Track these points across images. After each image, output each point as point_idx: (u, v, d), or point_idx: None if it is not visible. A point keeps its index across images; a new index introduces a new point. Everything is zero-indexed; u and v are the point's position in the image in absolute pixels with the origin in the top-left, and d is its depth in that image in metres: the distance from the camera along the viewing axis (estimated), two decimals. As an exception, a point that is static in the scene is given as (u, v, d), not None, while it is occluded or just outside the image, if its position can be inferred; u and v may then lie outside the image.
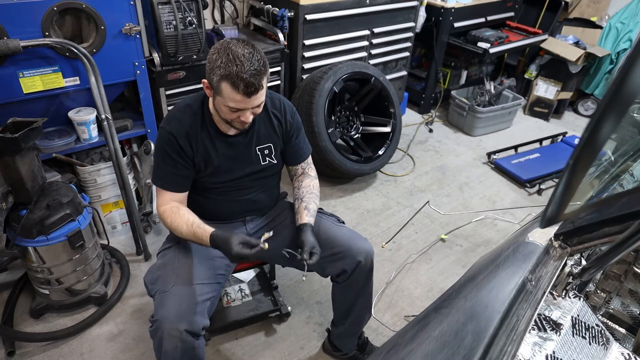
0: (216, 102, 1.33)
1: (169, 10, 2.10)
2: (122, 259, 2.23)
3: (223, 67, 1.23)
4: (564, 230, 0.97)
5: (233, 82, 1.23)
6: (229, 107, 1.30)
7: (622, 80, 0.43)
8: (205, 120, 1.43)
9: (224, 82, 1.25)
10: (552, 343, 0.79)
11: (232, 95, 1.26)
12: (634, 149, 1.43)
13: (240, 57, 1.23)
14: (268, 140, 1.53)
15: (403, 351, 0.85)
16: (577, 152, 0.51)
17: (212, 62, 1.26)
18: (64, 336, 1.87)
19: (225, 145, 1.46)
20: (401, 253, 2.46)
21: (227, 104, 1.29)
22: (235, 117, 1.34)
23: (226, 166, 1.48)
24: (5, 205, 1.67)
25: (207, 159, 1.45)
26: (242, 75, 1.22)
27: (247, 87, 1.24)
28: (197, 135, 1.42)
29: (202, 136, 1.43)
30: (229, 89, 1.25)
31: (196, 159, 1.44)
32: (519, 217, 2.80)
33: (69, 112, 2.01)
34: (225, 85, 1.25)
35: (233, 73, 1.22)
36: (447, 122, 3.91)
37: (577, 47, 3.73)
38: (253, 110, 1.34)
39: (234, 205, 1.58)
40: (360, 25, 2.99)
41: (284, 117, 1.54)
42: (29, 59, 1.77)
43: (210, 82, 1.30)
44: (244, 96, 1.26)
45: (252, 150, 1.51)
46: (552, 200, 0.58)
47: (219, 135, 1.45)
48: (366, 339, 1.86)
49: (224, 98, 1.28)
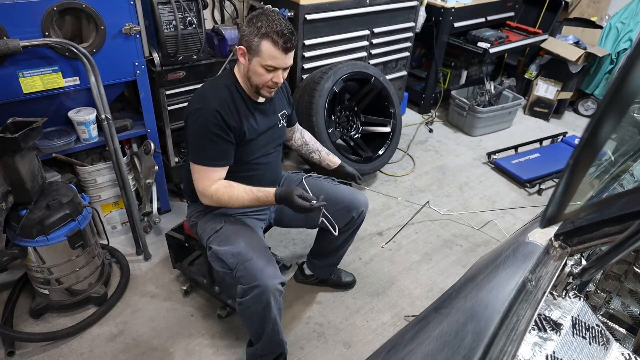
0: (252, 65, 1.47)
1: (169, 10, 2.10)
2: (122, 259, 2.23)
3: (265, 27, 1.41)
4: (564, 230, 0.97)
5: (273, 38, 1.41)
6: (267, 65, 1.45)
7: (622, 80, 0.43)
8: (240, 91, 1.56)
9: (265, 39, 1.41)
10: (552, 343, 0.79)
11: (272, 52, 1.43)
12: (634, 149, 1.43)
13: (279, 19, 1.42)
14: (282, 107, 1.74)
15: (403, 351, 0.85)
16: (577, 152, 0.51)
17: (252, 25, 1.43)
18: (64, 336, 1.87)
19: (259, 113, 1.62)
20: (401, 253, 2.46)
21: (265, 62, 1.45)
22: (269, 78, 1.49)
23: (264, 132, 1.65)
24: (5, 205, 1.67)
25: (250, 128, 1.58)
26: (283, 31, 1.41)
27: (285, 43, 1.42)
28: (237, 107, 1.55)
29: (242, 108, 1.56)
30: (269, 45, 1.42)
31: (243, 128, 1.56)
32: (519, 217, 2.80)
33: (69, 112, 2.01)
34: (266, 42, 1.42)
35: (274, 30, 1.40)
36: (447, 122, 3.91)
37: (577, 47, 3.73)
38: (283, 73, 1.51)
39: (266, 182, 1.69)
40: (360, 25, 2.99)
41: (284, 85, 1.77)
42: (29, 59, 1.77)
43: (249, 44, 1.44)
44: (282, 52, 1.43)
45: (277, 116, 1.71)
46: (552, 200, 0.58)
47: (254, 104, 1.60)
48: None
49: (262, 57, 1.44)
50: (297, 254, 2.40)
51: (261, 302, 1.48)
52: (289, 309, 2.08)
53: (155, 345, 1.87)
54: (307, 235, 2.47)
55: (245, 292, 1.49)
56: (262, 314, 1.51)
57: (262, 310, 1.50)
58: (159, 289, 2.14)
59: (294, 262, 2.32)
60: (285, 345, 1.72)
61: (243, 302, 1.51)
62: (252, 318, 1.56)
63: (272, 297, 1.47)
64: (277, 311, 1.53)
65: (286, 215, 1.86)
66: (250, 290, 1.47)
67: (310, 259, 2.11)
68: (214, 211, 1.70)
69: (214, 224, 1.65)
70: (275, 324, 1.56)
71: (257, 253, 1.52)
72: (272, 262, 1.54)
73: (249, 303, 1.50)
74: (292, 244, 2.47)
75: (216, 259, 1.59)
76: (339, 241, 1.91)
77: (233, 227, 1.63)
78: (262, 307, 1.49)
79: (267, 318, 1.52)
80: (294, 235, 2.51)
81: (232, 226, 1.64)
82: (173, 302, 2.08)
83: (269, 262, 1.53)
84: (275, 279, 1.48)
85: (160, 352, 1.85)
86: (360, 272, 2.30)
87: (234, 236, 1.59)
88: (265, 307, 1.49)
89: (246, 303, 1.50)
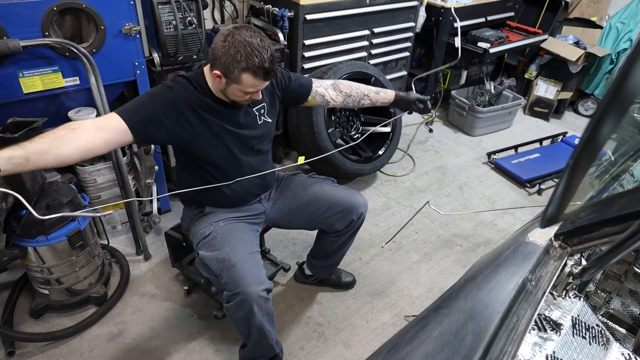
0: (230, 88, 1.41)
1: (169, 10, 2.10)
2: (122, 259, 2.23)
3: (244, 61, 1.32)
4: (564, 230, 0.97)
5: (255, 72, 1.34)
6: (247, 92, 1.41)
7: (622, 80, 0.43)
8: (207, 92, 1.47)
9: (245, 73, 1.34)
10: (552, 343, 0.79)
11: (253, 82, 1.37)
12: (634, 149, 1.43)
13: (258, 48, 1.32)
14: (262, 99, 1.60)
15: (403, 351, 0.85)
16: (577, 152, 0.51)
17: (229, 55, 1.32)
18: (64, 336, 1.87)
19: (229, 110, 1.52)
20: (401, 253, 2.46)
21: (245, 90, 1.39)
22: (248, 97, 1.44)
23: (236, 130, 1.55)
24: (5, 205, 1.67)
25: (215, 125, 1.50)
26: (264, 65, 1.34)
27: (266, 74, 1.37)
28: (202, 101, 1.46)
29: (207, 103, 1.47)
30: (250, 78, 1.36)
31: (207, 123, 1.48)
32: (519, 217, 2.80)
33: (69, 112, 2.01)
34: (247, 76, 1.35)
35: (256, 65, 1.32)
36: (447, 122, 3.91)
37: (577, 47, 3.73)
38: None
39: (249, 184, 1.66)
40: (360, 25, 2.99)
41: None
42: (29, 59, 1.77)
43: (227, 74, 1.36)
44: (263, 81, 1.39)
45: (252, 111, 1.60)
46: (552, 200, 0.58)
47: (221, 102, 1.50)
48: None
49: (242, 86, 1.38)
50: (297, 254, 2.40)
51: (244, 309, 1.45)
52: (289, 309, 2.08)
53: (155, 345, 1.87)
54: (307, 235, 2.47)
55: (229, 298, 1.47)
56: (247, 319, 1.48)
57: (245, 317, 1.47)
58: (159, 289, 2.14)
59: (294, 262, 2.32)
60: (277, 349, 1.69)
61: (228, 308, 1.50)
62: (238, 323, 1.54)
63: (254, 305, 1.44)
64: (265, 317, 1.50)
65: (287, 216, 1.83)
66: (233, 297, 1.45)
67: (310, 260, 2.10)
68: (205, 216, 1.67)
69: (204, 229, 1.62)
70: (262, 329, 1.52)
71: (242, 259, 1.48)
72: (257, 268, 1.51)
73: (233, 309, 1.47)
74: (292, 243, 2.47)
75: (202, 265, 1.57)
76: (339, 242, 1.91)
77: (222, 233, 1.59)
78: (245, 313, 1.46)
79: (252, 324, 1.49)
80: (293, 235, 2.51)
81: (222, 231, 1.60)
82: (173, 302, 2.08)
83: (254, 268, 1.49)
84: (259, 286, 1.44)
85: (160, 352, 1.85)
86: (360, 272, 2.30)
87: (221, 242, 1.56)
88: (249, 314, 1.46)
89: (231, 309, 1.48)
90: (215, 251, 1.53)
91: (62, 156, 1.19)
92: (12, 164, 1.10)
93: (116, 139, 1.32)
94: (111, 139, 1.30)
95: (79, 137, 1.21)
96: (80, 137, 1.22)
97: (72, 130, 1.21)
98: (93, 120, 1.31)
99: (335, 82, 1.82)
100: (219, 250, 1.52)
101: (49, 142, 1.15)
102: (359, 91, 1.84)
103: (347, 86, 1.82)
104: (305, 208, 1.79)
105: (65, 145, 1.19)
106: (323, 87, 1.79)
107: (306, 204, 1.78)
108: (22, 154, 1.11)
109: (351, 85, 1.83)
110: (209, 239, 1.59)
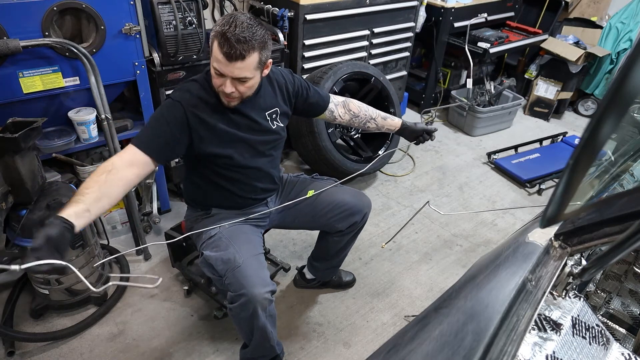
0: (211, 68, 1.38)
1: (169, 10, 2.10)
2: (122, 259, 2.23)
3: (219, 26, 1.30)
4: (564, 230, 0.97)
5: (219, 40, 1.29)
6: (214, 68, 1.35)
7: (622, 80, 0.43)
8: (212, 89, 1.47)
9: (215, 39, 1.31)
10: (552, 343, 0.79)
11: (216, 54, 1.32)
12: (634, 149, 1.43)
13: (237, 22, 1.29)
14: (273, 105, 1.61)
15: (403, 351, 0.84)
16: (577, 152, 0.51)
17: (216, 23, 1.33)
18: (64, 336, 1.87)
19: (235, 113, 1.52)
20: (401, 253, 2.46)
21: (213, 63, 1.35)
22: (219, 83, 1.39)
23: (244, 133, 1.54)
24: (5, 205, 1.67)
25: (222, 128, 1.49)
26: (228, 35, 1.27)
27: (230, 48, 1.28)
28: (207, 103, 1.47)
29: (213, 105, 1.47)
30: (216, 46, 1.31)
31: (215, 127, 1.48)
32: (519, 217, 2.80)
33: (69, 112, 2.00)
34: (215, 43, 1.31)
35: (223, 31, 1.28)
36: (447, 122, 3.91)
37: (577, 47, 3.73)
38: (236, 85, 1.38)
39: (257, 187, 1.68)
40: (360, 25, 2.99)
41: (283, 78, 1.65)
42: (29, 59, 1.77)
43: (209, 42, 1.35)
44: (225, 58, 1.30)
45: (263, 114, 1.58)
46: (552, 200, 0.57)
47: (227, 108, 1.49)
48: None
49: (213, 57, 1.34)
50: (297, 254, 2.40)
51: (248, 310, 1.45)
52: (289, 309, 2.08)
53: (155, 346, 1.87)
54: (307, 235, 2.47)
55: (233, 299, 1.48)
56: (250, 320, 1.49)
57: (249, 318, 1.48)
58: (159, 289, 2.14)
59: (294, 262, 2.32)
60: (278, 350, 1.70)
61: (232, 309, 1.50)
62: (240, 324, 1.54)
63: (259, 306, 1.44)
64: (268, 319, 1.51)
65: (291, 217, 1.83)
66: (237, 298, 1.46)
67: (312, 263, 2.08)
68: (211, 217, 1.68)
69: (209, 230, 1.63)
70: (264, 331, 1.53)
71: (247, 260, 1.49)
72: (262, 269, 1.52)
73: (237, 310, 1.48)
74: (292, 244, 2.47)
75: (206, 265, 1.57)
76: (342, 243, 1.90)
77: (228, 234, 1.60)
78: (249, 315, 1.47)
79: (255, 325, 1.50)
80: (293, 235, 2.51)
81: (227, 232, 1.60)
82: (173, 302, 2.08)
83: (259, 270, 1.50)
84: (264, 288, 1.45)
85: (160, 352, 1.85)
86: (360, 272, 2.30)
87: (226, 242, 1.56)
88: (253, 315, 1.46)
89: (235, 310, 1.49)
90: (221, 252, 1.53)
91: (113, 199, 1.29)
92: (83, 218, 1.19)
93: (145, 172, 1.42)
94: (141, 173, 1.40)
95: (120, 179, 1.32)
96: (120, 177, 1.32)
97: (109, 173, 1.29)
98: (119, 158, 1.37)
99: (346, 101, 1.82)
100: (224, 251, 1.53)
101: (97, 189, 1.25)
102: (367, 114, 1.84)
103: (356, 106, 1.83)
104: (309, 209, 1.79)
105: (113, 189, 1.29)
106: (334, 103, 1.80)
107: (310, 204, 1.78)
108: (83, 207, 1.19)
109: (360, 106, 1.84)
110: (214, 239, 1.59)
